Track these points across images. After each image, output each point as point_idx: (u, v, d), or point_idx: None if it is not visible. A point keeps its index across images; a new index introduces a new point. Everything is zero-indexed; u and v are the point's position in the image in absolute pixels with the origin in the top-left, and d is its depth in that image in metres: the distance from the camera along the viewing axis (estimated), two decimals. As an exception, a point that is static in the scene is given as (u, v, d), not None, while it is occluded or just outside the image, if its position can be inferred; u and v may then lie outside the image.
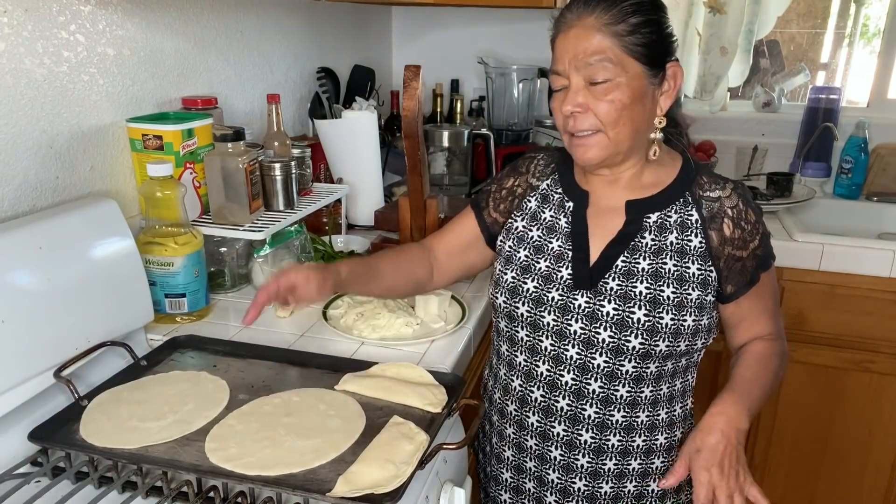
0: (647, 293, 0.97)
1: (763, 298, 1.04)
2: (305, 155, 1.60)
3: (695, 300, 0.98)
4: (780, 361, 1.07)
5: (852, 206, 2.24)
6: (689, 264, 0.99)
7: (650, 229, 1.00)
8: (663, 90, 0.97)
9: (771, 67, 2.61)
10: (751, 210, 0.99)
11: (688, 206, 1.00)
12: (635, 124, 0.96)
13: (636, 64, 0.93)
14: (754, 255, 1.00)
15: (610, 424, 1.04)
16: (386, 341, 1.22)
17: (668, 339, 0.98)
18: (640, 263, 0.99)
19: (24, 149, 1.11)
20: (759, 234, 1.00)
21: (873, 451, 1.99)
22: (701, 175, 1.02)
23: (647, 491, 1.08)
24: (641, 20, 0.92)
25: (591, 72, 0.93)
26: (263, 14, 1.76)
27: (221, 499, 0.82)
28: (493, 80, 2.36)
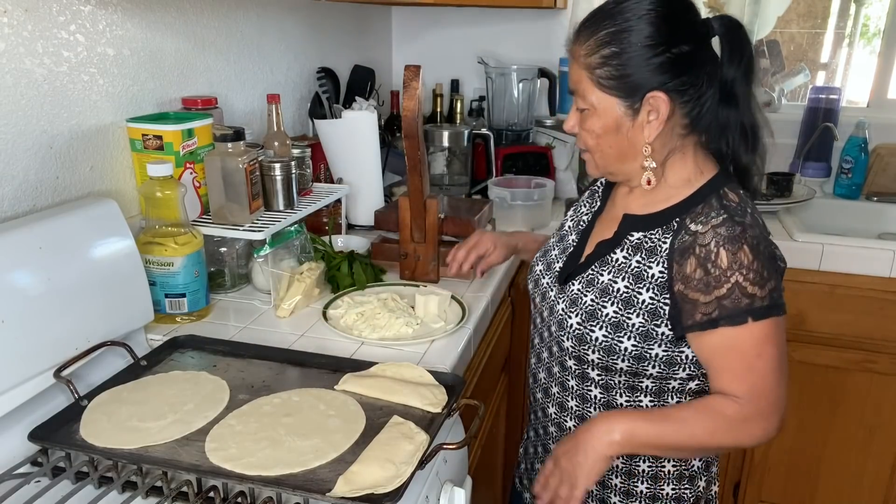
0: (589, 305, 0.99)
1: (730, 355, 0.91)
2: (305, 155, 1.60)
3: (636, 326, 0.95)
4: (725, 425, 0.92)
5: (852, 206, 2.24)
6: (642, 290, 0.95)
7: (626, 247, 0.99)
8: (648, 120, 0.93)
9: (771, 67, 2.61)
10: (725, 254, 0.89)
11: (669, 232, 0.95)
12: (614, 151, 0.97)
13: (606, 96, 0.93)
14: (718, 304, 0.89)
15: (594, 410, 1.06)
16: (386, 341, 1.22)
17: (599, 352, 0.98)
18: (602, 276, 0.99)
19: (24, 149, 1.11)
20: (731, 283, 0.88)
21: (873, 451, 1.99)
22: (704, 204, 0.94)
23: (634, 490, 1.07)
24: (614, 51, 0.91)
25: (576, 100, 0.98)
26: (263, 14, 1.76)
27: (221, 499, 0.82)
28: (493, 80, 2.36)
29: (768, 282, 0.91)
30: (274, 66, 1.84)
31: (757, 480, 2.12)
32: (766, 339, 0.92)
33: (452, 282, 1.48)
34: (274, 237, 1.36)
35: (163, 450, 0.88)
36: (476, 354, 1.37)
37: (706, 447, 0.98)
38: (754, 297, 0.89)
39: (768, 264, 0.92)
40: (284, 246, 1.39)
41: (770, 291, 0.91)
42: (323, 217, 1.69)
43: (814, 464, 2.05)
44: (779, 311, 0.93)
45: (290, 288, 1.34)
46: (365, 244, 1.63)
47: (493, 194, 2.08)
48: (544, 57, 2.42)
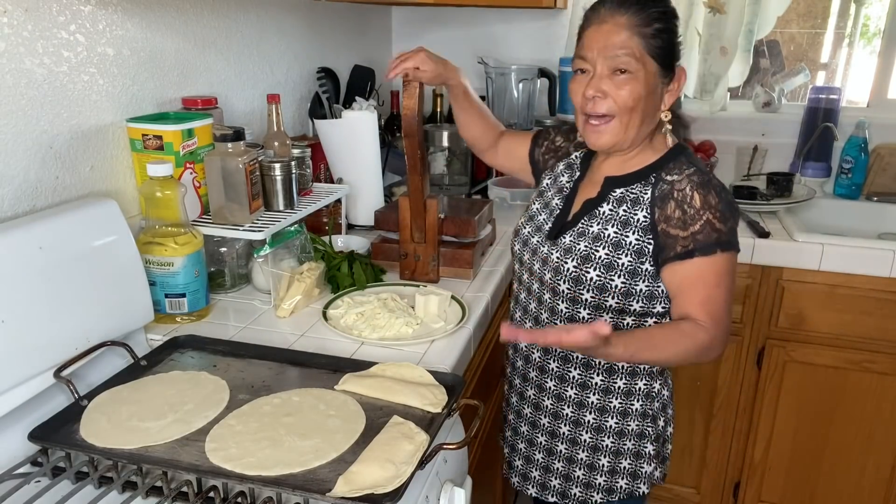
0: (584, 250, 1.14)
1: (698, 284, 1.08)
2: (305, 155, 1.60)
3: (626, 265, 1.11)
4: (690, 345, 1.06)
5: (852, 206, 2.24)
6: (629, 234, 1.12)
7: (610, 201, 1.15)
8: (669, 89, 1.12)
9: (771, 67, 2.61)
10: (698, 196, 1.07)
11: (648, 185, 1.13)
12: (644, 114, 1.11)
13: (653, 63, 1.08)
14: (693, 238, 1.06)
15: (572, 359, 1.21)
16: (386, 341, 1.22)
17: (593, 291, 1.13)
18: (592, 227, 1.15)
19: (24, 149, 1.11)
20: (703, 220, 1.06)
21: (873, 451, 1.99)
22: (673, 161, 1.13)
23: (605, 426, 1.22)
24: (663, 27, 1.08)
25: (616, 63, 1.07)
26: (263, 14, 1.76)
27: (221, 499, 0.82)
28: (493, 80, 2.35)
29: (729, 220, 1.08)
30: (274, 66, 1.84)
31: (757, 480, 2.12)
32: (725, 271, 1.08)
33: (452, 282, 1.48)
34: (274, 237, 1.36)
35: (163, 450, 0.88)
36: (476, 354, 1.37)
37: (679, 363, 1.14)
38: (721, 232, 1.07)
39: (729, 207, 1.09)
40: (284, 246, 1.39)
41: (730, 229, 1.08)
42: (323, 217, 1.69)
43: (814, 464, 2.05)
44: (737, 248, 1.10)
45: (290, 288, 1.34)
46: (365, 244, 1.63)
47: (493, 194, 2.08)
48: (544, 57, 2.42)
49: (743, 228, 1.97)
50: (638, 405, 1.21)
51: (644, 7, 1.07)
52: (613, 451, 1.23)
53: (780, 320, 1.94)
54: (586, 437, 1.23)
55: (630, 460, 1.23)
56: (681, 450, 2.16)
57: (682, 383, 2.09)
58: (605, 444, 1.23)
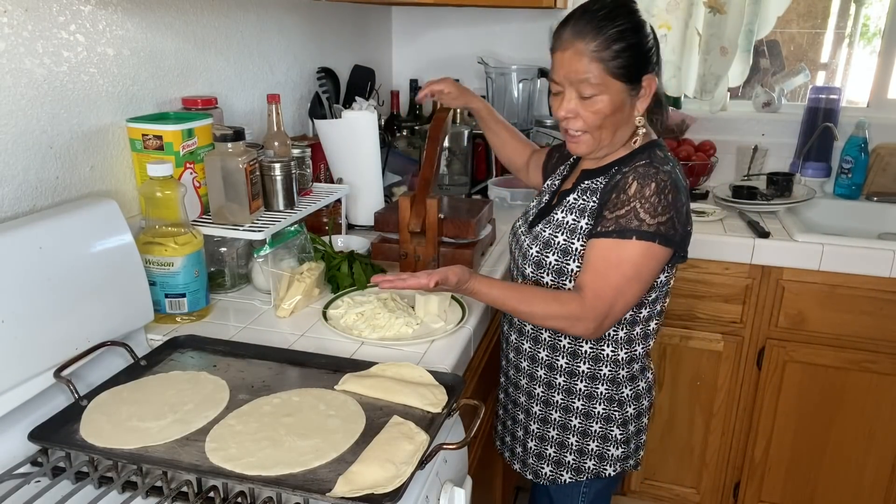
0: (546, 237, 1.22)
1: (599, 258, 1.12)
2: (305, 155, 1.60)
3: (579, 249, 1.18)
4: (558, 308, 1.12)
5: (852, 206, 2.24)
6: (582, 220, 1.19)
7: (578, 191, 1.23)
8: (640, 97, 1.16)
9: (771, 67, 2.61)
10: (635, 185, 1.11)
11: (608, 176, 1.19)
12: (615, 126, 1.17)
13: (616, 82, 1.12)
14: (616, 220, 1.11)
15: (540, 340, 1.29)
16: (386, 341, 1.22)
17: (552, 275, 1.21)
18: (558, 215, 1.23)
19: (24, 149, 1.12)
20: (630, 207, 1.10)
21: (873, 451, 1.99)
22: (640, 154, 1.17)
23: (571, 406, 1.29)
24: (622, 46, 1.10)
25: (580, 88, 1.13)
26: (263, 14, 1.76)
27: (221, 499, 0.82)
28: (493, 80, 2.36)
29: (660, 216, 1.10)
30: (274, 66, 1.84)
31: (757, 480, 2.12)
32: (632, 259, 1.11)
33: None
34: (274, 237, 1.36)
35: (163, 450, 0.88)
36: (476, 354, 1.37)
37: (541, 324, 1.21)
38: (643, 222, 1.10)
39: (665, 205, 1.11)
40: (284, 246, 1.39)
41: (659, 224, 1.10)
42: (323, 217, 1.69)
43: (814, 464, 2.05)
44: (660, 241, 1.11)
45: (290, 288, 1.34)
46: (365, 244, 1.63)
47: (493, 194, 2.08)
48: (544, 57, 2.39)
49: (743, 228, 1.97)
50: (603, 389, 1.26)
51: (601, 30, 1.09)
52: (580, 431, 1.29)
53: (780, 320, 1.94)
54: (556, 416, 1.30)
55: (598, 443, 1.28)
56: (681, 450, 2.16)
57: (683, 383, 2.09)
58: (572, 425, 1.29)
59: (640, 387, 1.28)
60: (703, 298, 1.99)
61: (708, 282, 1.97)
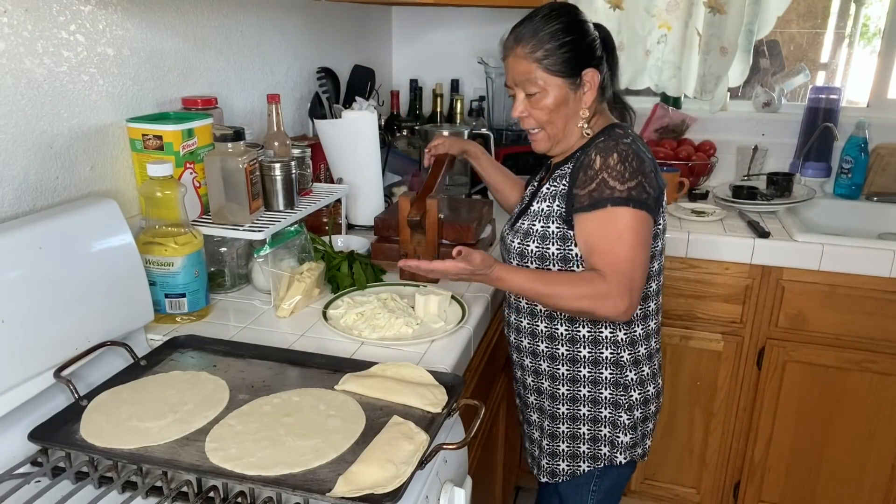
0: (525, 228, 1.27)
1: (598, 238, 1.16)
2: (305, 155, 1.60)
3: (555, 232, 1.23)
4: (585, 288, 1.13)
5: (852, 206, 2.24)
6: (555, 204, 1.24)
7: (550, 181, 1.27)
8: (584, 91, 1.23)
9: (771, 67, 2.61)
10: (599, 159, 1.16)
11: (573, 161, 1.24)
12: (563, 120, 1.24)
13: (555, 78, 1.20)
14: (589, 195, 1.16)
15: (538, 333, 1.31)
16: (386, 341, 1.22)
17: (536, 261, 1.25)
18: (534, 206, 1.28)
19: (24, 149, 1.12)
20: (599, 179, 1.15)
21: (873, 451, 1.99)
22: (596, 139, 1.22)
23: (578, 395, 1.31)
24: (556, 45, 1.19)
25: (525, 87, 1.23)
26: (263, 14, 1.76)
27: (221, 499, 0.82)
28: (493, 80, 2.35)
29: (629, 181, 1.14)
30: (274, 66, 1.84)
31: (757, 480, 2.12)
32: (626, 227, 1.14)
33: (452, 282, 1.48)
34: (274, 237, 1.36)
35: (163, 450, 0.88)
36: (476, 354, 1.37)
37: (569, 309, 1.18)
38: (614, 189, 1.14)
39: (631, 169, 1.15)
40: (284, 246, 1.39)
41: (630, 189, 1.14)
42: (323, 217, 1.69)
43: (814, 464, 2.05)
44: (636, 206, 1.14)
45: (290, 288, 1.34)
46: (365, 244, 1.63)
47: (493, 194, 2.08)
48: (544, 57, 2.41)
49: (743, 228, 1.97)
50: (607, 373, 1.28)
51: (535, 33, 1.19)
52: (591, 418, 1.31)
53: (780, 320, 1.94)
54: (563, 409, 1.33)
55: (609, 429, 1.31)
56: (681, 450, 2.16)
57: (683, 383, 2.09)
58: (582, 413, 1.31)
59: (644, 372, 1.30)
60: (703, 298, 1.99)
61: (708, 282, 1.97)
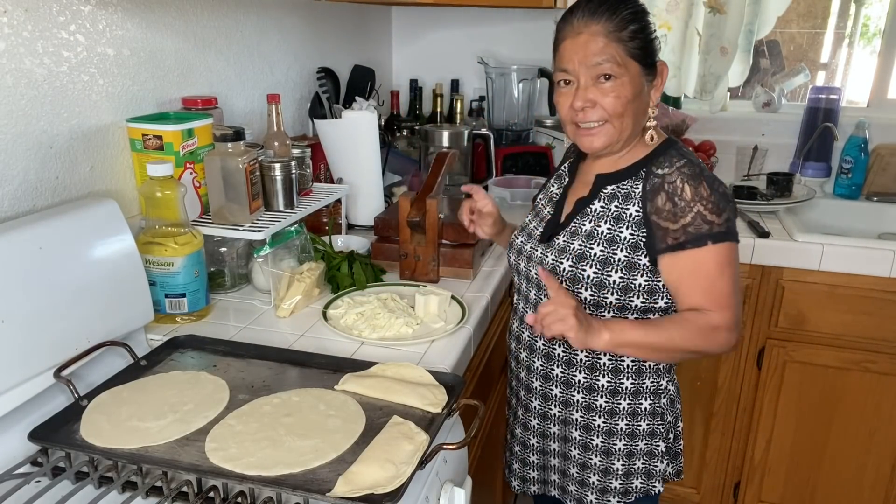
0: (578, 249, 1.14)
1: (697, 276, 1.08)
2: (305, 155, 1.60)
3: (621, 259, 1.11)
4: (693, 328, 1.07)
5: (852, 206, 2.24)
6: (623, 229, 1.12)
7: (602, 198, 1.15)
8: (654, 85, 1.13)
9: (771, 67, 2.61)
10: (689, 188, 1.06)
11: (639, 180, 1.12)
12: (635, 115, 1.11)
13: (635, 64, 1.09)
14: (684, 230, 1.06)
15: (576, 362, 1.19)
16: (386, 341, 1.22)
17: (592, 289, 1.12)
18: (585, 226, 1.15)
19: (24, 149, 1.11)
20: (694, 212, 1.06)
21: (873, 451, 1.99)
22: (664, 154, 1.12)
23: (616, 429, 1.20)
24: (638, 27, 1.08)
25: (598, 71, 1.08)
26: (263, 14, 1.76)
27: (221, 499, 0.82)
28: (493, 80, 2.36)
29: (723, 212, 1.07)
30: (274, 66, 1.84)
31: (757, 480, 2.12)
32: (726, 261, 1.08)
33: (452, 282, 1.48)
34: (274, 237, 1.36)
35: (163, 450, 0.88)
36: (476, 354, 1.37)
37: (682, 350, 1.09)
38: (713, 224, 1.06)
39: (722, 199, 1.08)
40: (284, 246, 1.39)
41: (725, 220, 1.07)
42: (323, 217, 1.69)
43: (814, 464, 2.05)
44: (734, 238, 1.09)
45: (290, 288, 1.34)
46: (365, 244, 1.63)
47: (493, 194, 2.08)
48: (544, 57, 2.40)
49: (743, 228, 1.97)
50: (647, 404, 1.19)
51: (616, 11, 1.07)
52: (626, 452, 1.20)
53: (780, 320, 1.94)
54: (598, 441, 1.21)
55: (644, 460, 1.21)
56: (681, 450, 2.16)
57: (683, 383, 2.07)
58: (617, 448, 1.20)
59: (671, 391, 1.21)
60: (703, 298, 1.99)
61: (708, 282, 1.97)
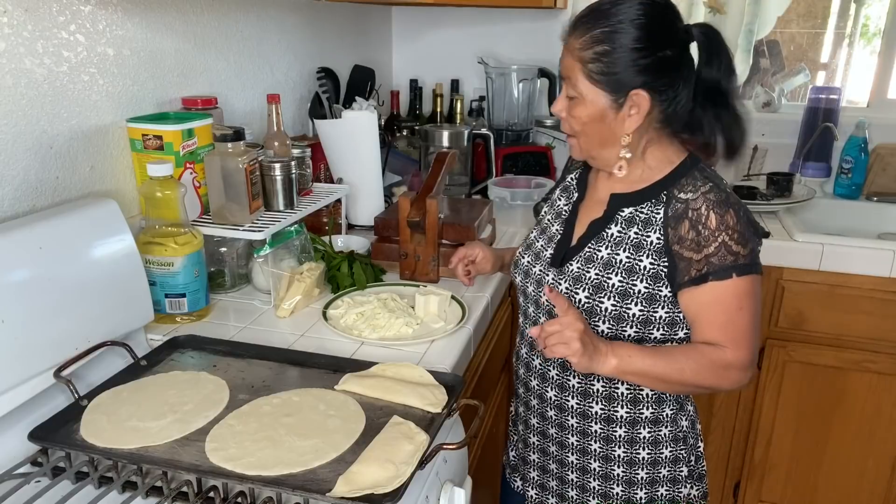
0: (595, 279, 1.06)
1: (716, 308, 1.01)
2: (305, 155, 1.60)
3: (641, 291, 1.03)
4: (704, 360, 1.01)
5: (852, 206, 2.24)
6: (643, 258, 1.04)
7: (619, 222, 1.07)
8: (629, 114, 1.01)
9: (771, 67, 2.61)
10: (714, 216, 0.99)
11: (660, 204, 1.04)
12: (597, 138, 1.05)
13: (595, 89, 1.01)
14: (707, 261, 0.99)
15: (592, 393, 1.12)
16: (386, 341, 1.22)
17: (610, 321, 1.05)
18: (601, 252, 1.07)
19: (24, 149, 1.11)
20: (719, 242, 0.98)
21: (873, 451, 1.99)
22: (687, 176, 1.04)
23: (636, 458, 1.14)
24: (606, 49, 0.98)
25: (567, 86, 1.05)
26: (263, 14, 1.76)
27: (221, 499, 0.82)
28: (493, 80, 2.36)
29: (749, 242, 1.00)
30: (274, 66, 1.84)
31: (757, 480, 2.12)
32: (747, 294, 1.00)
33: (452, 282, 1.48)
34: (274, 237, 1.36)
35: (163, 450, 0.88)
36: (476, 354, 1.37)
37: (691, 384, 1.03)
38: (738, 255, 0.99)
39: (749, 228, 1.01)
40: (284, 246, 1.39)
41: (751, 251, 1.00)
42: (323, 217, 1.69)
43: (814, 464, 2.05)
44: (758, 270, 1.02)
45: (290, 288, 1.34)
46: (365, 244, 1.63)
47: (493, 194, 2.08)
48: (544, 57, 2.42)
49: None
50: (666, 431, 1.12)
51: (591, 27, 0.99)
52: (649, 481, 1.14)
53: (780, 320, 1.94)
54: (619, 471, 1.14)
55: (667, 487, 1.15)
56: (681, 450, 2.16)
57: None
58: (640, 477, 1.14)
59: (689, 410, 1.16)
60: (703, 298, 1.99)
61: (708, 282, 1.97)
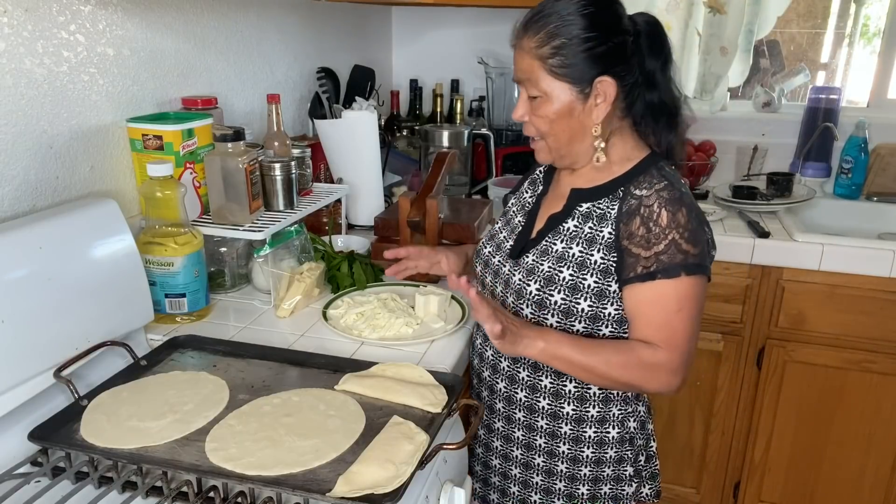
0: (547, 272, 1.06)
1: (656, 307, 1.00)
2: (305, 155, 1.60)
3: (591, 286, 1.03)
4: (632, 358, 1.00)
5: (852, 206, 2.24)
6: (594, 252, 1.04)
7: (576, 216, 1.07)
8: (596, 103, 1.02)
9: (771, 67, 2.61)
10: (666, 214, 0.98)
11: (616, 200, 1.05)
12: (566, 134, 1.05)
13: (559, 83, 1.01)
14: (657, 258, 0.98)
15: (540, 388, 1.12)
16: (386, 341, 1.22)
17: (559, 315, 1.05)
18: (556, 245, 1.07)
19: (24, 149, 1.11)
20: (669, 240, 0.98)
21: (873, 451, 1.99)
22: (644, 174, 1.04)
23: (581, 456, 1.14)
24: (564, 41, 0.99)
25: (526, 88, 1.04)
26: (263, 14, 1.76)
27: (221, 499, 0.82)
28: (493, 80, 2.36)
29: (699, 243, 1.00)
30: (274, 66, 1.84)
31: (757, 480, 2.12)
32: (688, 297, 1.00)
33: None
34: (274, 237, 1.36)
35: (163, 450, 0.88)
36: (476, 354, 1.37)
37: (615, 379, 1.02)
38: (687, 254, 0.98)
39: (700, 228, 1.01)
40: (284, 246, 1.39)
41: (700, 252, 1.00)
42: (323, 217, 1.69)
43: (814, 464, 2.05)
44: (706, 272, 1.01)
45: (290, 288, 1.34)
46: (365, 244, 1.63)
47: (493, 194, 2.08)
48: (544, 57, 2.42)
49: (743, 228, 1.97)
50: (614, 432, 1.13)
51: (544, 24, 0.99)
52: (592, 478, 1.15)
53: (780, 320, 1.94)
54: (562, 467, 1.15)
55: (611, 485, 1.15)
56: (681, 450, 2.16)
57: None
58: (582, 474, 1.14)
59: (640, 412, 1.15)
60: (703, 298, 1.99)
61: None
